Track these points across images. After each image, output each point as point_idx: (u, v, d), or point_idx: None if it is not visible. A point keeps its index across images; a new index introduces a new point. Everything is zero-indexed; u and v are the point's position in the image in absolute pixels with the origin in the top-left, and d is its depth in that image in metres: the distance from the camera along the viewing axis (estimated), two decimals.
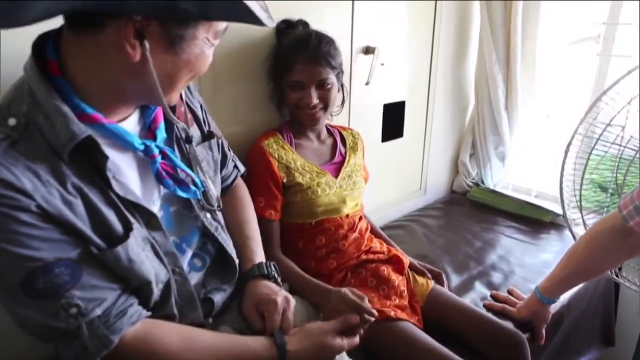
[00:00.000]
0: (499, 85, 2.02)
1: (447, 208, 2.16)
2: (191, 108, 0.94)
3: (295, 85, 1.23)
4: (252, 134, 1.35)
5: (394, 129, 1.87)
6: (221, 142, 1.06)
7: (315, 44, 1.21)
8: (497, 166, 2.24)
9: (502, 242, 1.83)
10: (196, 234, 0.92)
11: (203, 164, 0.92)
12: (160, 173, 0.79)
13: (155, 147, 0.78)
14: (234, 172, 1.13)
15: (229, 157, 1.10)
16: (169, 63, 0.68)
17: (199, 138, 0.95)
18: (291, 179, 1.26)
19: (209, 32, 0.69)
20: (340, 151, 1.41)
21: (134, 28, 0.62)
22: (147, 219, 0.76)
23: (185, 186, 0.83)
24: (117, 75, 0.67)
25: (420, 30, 1.84)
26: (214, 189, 0.92)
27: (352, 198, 1.36)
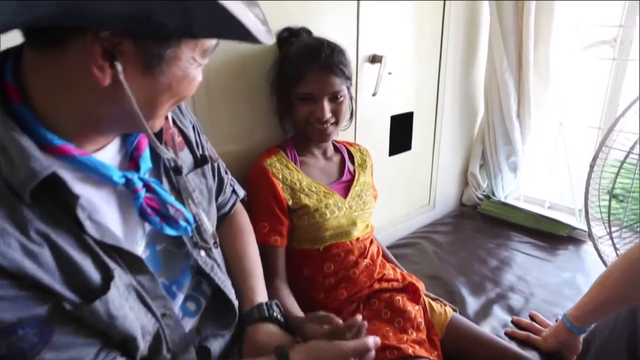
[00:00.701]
0: (511, 92, 1.92)
1: (457, 223, 2.05)
2: (181, 130, 0.83)
3: (306, 97, 1.12)
4: (251, 152, 1.24)
5: (401, 141, 1.77)
6: (217, 166, 0.95)
7: (329, 52, 1.10)
8: (508, 177, 2.13)
9: (519, 260, 1.72)
10: (188, 275, 0.80)
11: (195, 194, 0.80)
12: (145, 209, 0.68)
13: (138, 179, 0.67)
14: (232, 197, 1.02)
15: (227, 182, 0.99)
16: (148, 87, 0.57)
17: (191, 164, 0.83)
18: (297, 201, 1.15)
19: (194, 50, 0.58)
20: (349, 169, 1.30)
21: (101, 47, 0.51)
22: (131, 262, 0.65)
23: (173, 222, 0.72)
24: (88, 102, 0.56)
25: (428, 35, 1.73)
26: (208, 223, 0.81)
27: (362, 219, 1.25)
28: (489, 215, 2.10)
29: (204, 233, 0.80)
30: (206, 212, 0.82)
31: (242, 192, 1.06)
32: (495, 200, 2.12)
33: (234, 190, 1.03)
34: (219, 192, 0.96)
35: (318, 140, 1.21)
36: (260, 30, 0.54)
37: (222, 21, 0.51)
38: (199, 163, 0.84)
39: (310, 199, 1.16)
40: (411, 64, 1.69)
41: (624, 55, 1.88)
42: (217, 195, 0.95)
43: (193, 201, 0.78)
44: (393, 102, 1.67)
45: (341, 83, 1.12)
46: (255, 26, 0.53)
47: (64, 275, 0.56)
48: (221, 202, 0.98)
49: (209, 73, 1.09)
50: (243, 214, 1.06)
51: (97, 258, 0.60)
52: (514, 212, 2.03)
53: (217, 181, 0.94)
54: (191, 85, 0.62)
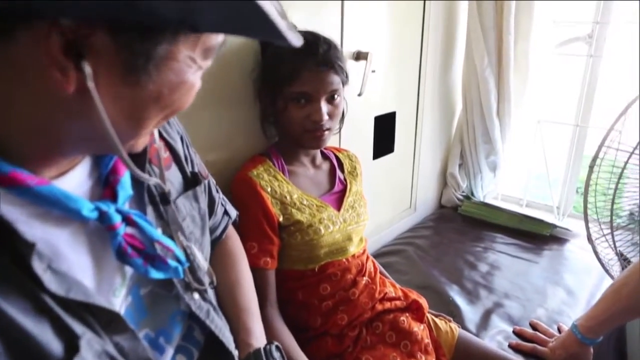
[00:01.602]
0: (491, 90, 1.86)
1: (438, 225, 1.98)
2: (168, 143, 0.68)
3: (301, 98, 0.99)
4: (232, 162, 1.10)
5: (385, 143, 1.67)
6: (207, 184, 0.80)
7: (326, 47, 0.98)
8: (488, 177, 2.08)
9: (507, 263, 1.66)
10: (178, 323, 0.65)
11: (186, 223, 0.66)
12: (124, 250, 0.52)
13: (115, 212, 0.51)
14: (223, 220, 0.87)
15: (218, 201, 0.84)
16: (129, 97, 0.43)
17: (180, 185, 0.69)
18: (288, 217, 1.02)
19: (195, 48, 0.44)
20: (340, 178, 1.18)
21: (62, 39, 0.37)
22: (106, 319, 0.50)
23: (160, 263, 0.56)
24: (45, 114, 0.42)
25: (409, 33, 1.64)
26: (202, 258, 0.66)
27: (357, 233, 1.14)
28: (469, 217, 2.04)
29: (197, 271, 0.65)
30: (199, 244, 0.68)
31: (235, 213, 0.91)
32: (477, 201, 2.07)
33: (225, 212, 0.88)
34: (210, 215, 0.81)
35: (311, 146, 1.08)
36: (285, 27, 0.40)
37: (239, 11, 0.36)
38: (189, 183, 0.69)
39: (303, 213, 1.04)
40: (393, 61, 1.59)
41: (598, 51, 1.87)
42: (208, 218, 0.80)
43: (183, 233, 0.63)
44: (376, 102, 1.57)
45: (339, 81, 1.01)
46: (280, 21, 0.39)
47: (11, 351, 0.41)
48: (211, 225, 0.83)
49: None
50: (235, 238, 0.92)
51: (58, 322, 0.45)
52: (496, 213, 1.99)
53: (208, 202, 0.79)
54: (188, 95, 0.48)
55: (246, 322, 0.79)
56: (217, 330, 0.67)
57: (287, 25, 0.41)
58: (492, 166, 2.06)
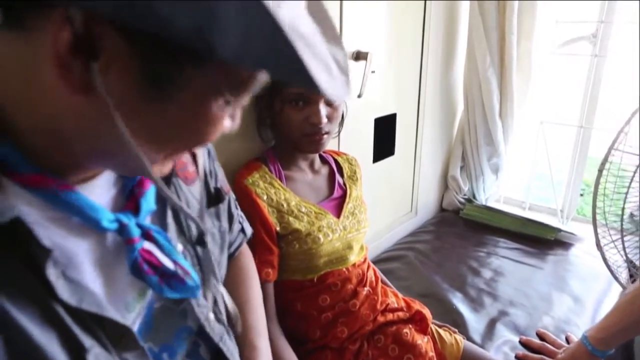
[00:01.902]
0: (494, 90, 1.82)
1: (440, 230, 1.93)
2: (194, 156, 0.64)
3: (299, 99, 0.94)
4: (227, 165, 1.04)
5: (385, 146, 1.62)
6: (228, 200, 0.76)
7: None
8: (490, 179, 2.04)
9: (511, 269, 1.62)
10: (184, 340, 0.61)
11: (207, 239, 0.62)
12: (140, 265, 0.49)
13: (135, 226, 0.49)
14: (239, 237, 0.83)
15: (236, 218, 0.80)
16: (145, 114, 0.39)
17: (204, 200, 0.64)
18: (286, 226, 0.97)
19: (221, 77, 0.39)
20: (339, 183, 1.14)
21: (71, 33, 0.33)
22: (117, 334, 0.47)
23: (177, 282, 0.53)
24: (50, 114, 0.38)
25: (409, 33, 1.59)
26: (229, 301, 0.65)
27: (357, 241, 1.09)
28: (471, 220, 1.99)
29: (221, 311, 0.63)
30: (217, 263, 0.64)
31: (250, 231, 0.87)
32: (479, 205, 2.02)
33: (242, 229, 0.84)
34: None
35: (309, 150, 1.03)
36: (331, 81, 0.35)
37: (268, 48, 0.31)
38: (212, 200, 0.66)
39: (301, 221, 0.99)
40: (393, 62, 1.54)
41: (602, 51, 1.83)
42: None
43: (216, 277, 0.61)
44: (376, 104, 1.52)
45: None
46: (323, 71, 0.34)
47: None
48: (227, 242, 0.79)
49: None
50: (248, 255, 0.88)
51: (67, 334, 0.42)
52: (499, 217, 1.94)
53: (227, 218, 0.75)
54: (211, 128, 0.43)
55: (253, 340, 0.76)
56: (228, 353, 0.63)
57: (342, 82, 0.36)
58: (494, 168, 2.01)
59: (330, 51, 0.37)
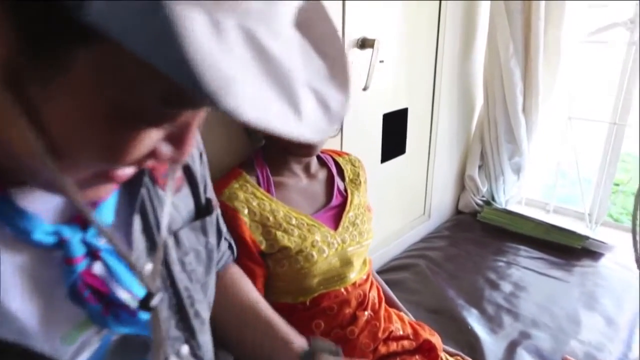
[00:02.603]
0: (517, 83, 1.65)
1: (456, 235, 1.77)
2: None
3: None
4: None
5: (395, 144, 1.47)
6: (216, 214, 0.67)
7: None
8: (510, 180, 1.87)
9: (533, 282, 1.46)
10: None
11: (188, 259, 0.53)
12: (79, 291, 0.40)
13: (79, 243, 0.41)
14: (225, 255, 0.73)
15: (223, 234, 0.71)
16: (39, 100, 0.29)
17: (190, 212, 0.56)
18: (272, 243, 0.83)
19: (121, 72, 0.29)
20: (339, 188, 0.99)
21: None
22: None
23: (127, 314, 0.44)
24: None
25: (423, 17, 1.43)
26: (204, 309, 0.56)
27: (359, 255, 0.94)
28: (489, 225, 1.83)
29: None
30: (200, 284, 0.55)
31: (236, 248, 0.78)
32: (498, 208, 1.85)
33: (230, 246, 0.75)
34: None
35: (300, 154, 0.89)
36: (283, 114, 0.27)
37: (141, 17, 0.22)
38: (201, 211, 0.57)
39: (291, 236, 0.85)
40: (404, 50, 1.38)
41: None
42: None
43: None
44: (385, 97, 1.37)
45: None
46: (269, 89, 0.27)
47: None
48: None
49: None
50: (236, 269, 0.77)
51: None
52: (520, 222, 1.77)
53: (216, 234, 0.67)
54: (119, 143, 0.32)
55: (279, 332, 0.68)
56: None
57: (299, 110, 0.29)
58: (515, 168, 1.84)
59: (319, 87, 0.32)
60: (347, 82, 0.35)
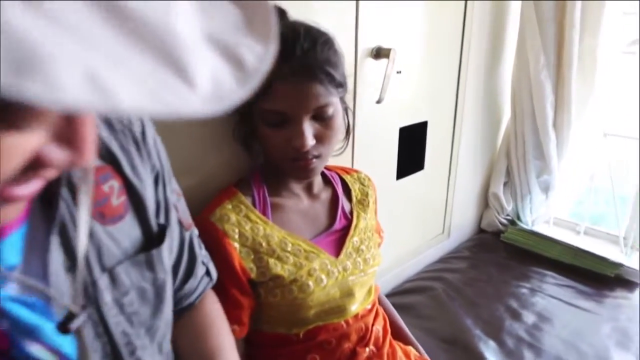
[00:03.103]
0: (548, 96, 1.53)
1: (477, 256, 1.66)
2: (128, 181, 0.47)
3: (276, 118, 0.73)
4: (205, 190, 0.85)
5: (412, 160, 1.38)
6: (190, 236, 0.61)
7: (307, 47, 0.70)
8: (538, 199, 1.75)
9: (560, 313, 1.34)
10: None
11: (129, 299, 0.46)
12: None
13: None
14: (202, 282, 0.65)
15: (199, 259, 0.63)
16: None
17: (135, 243, 0.48)
18: (264, 271, 0.76)
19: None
20: (344, 210, 0.91)
21: None
22: None
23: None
24: None
25: (446, 22, 1.34)
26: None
27: (362, 285, 0.86)
28: (514, 246, 1.71)
29: None
30: (145, 328, 0.49)
31: (216, 273, 0.70)
32: (524, 229, 1.74)
33: (207, 272, 0.67)
34: (188, 277, 0.61)
35: (297, 177, 0.82)
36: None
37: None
38: (150, 242, 0.49)
39: (285, 264, 0.77)
40: (424, 60, 1.30)
41: None
42: (185, 282, 0.61)
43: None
44: (402, 110, 1.28)
45: (329, 93, 0.72)
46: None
47: None
48: (187, 291, 0.63)
49: None
50: (211, 297, 0.69)
51: None
52: (547, 244, 1.65)
53: (187, 261, 0.60)
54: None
55: None
56: None
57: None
58: (544, 186, 1.72)
59: (229, 39, 0.26)
60: (270, 31, 0.29)
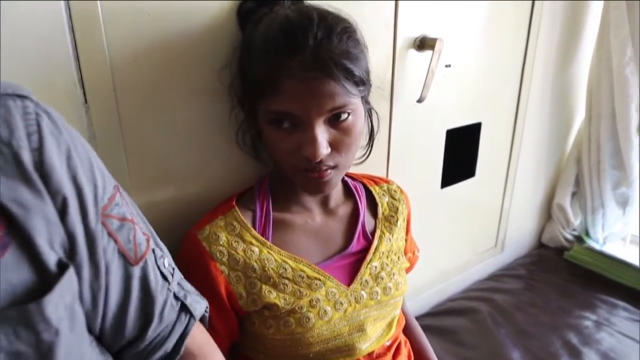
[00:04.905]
0: (632, 96, 1.30)
1: (533, 275, 1.47)
2: (6, 211, 0.37)
3: (283, 121, 0.61)
4: (206, 200, 0.76)
5: (461, 166, 1.22)
6: (140, 272, 0.48)
7: (321, 36, 0.57)
8: (613, 214, 1.51)
9: (633, 357, 1.13)
10: None
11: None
12: None
13: None
14: (179, 325, 0.53)
15: (159, 299, 0.50)
16: None
17: (20, 288, 0.37)
18: (256, 299, 0.66)
19: None
20: (364, 228, 0.78)
21: None
22: None
23: None
24: None
25: (508, 6, 1.15)
26: None
27: (378, 319, 0.74)
28: (579, 267, 1.50)
29: None
30: None
31: (204, 306, 0.57)
32: (593, 248, 1.51)
33: (183, 307, 0.54)
34: (147, 322, 0.49)
35: (308, 192, 0.70)
36: None
37: None
38: (39, 291, 0.37)
39: (281, 292, 0.66)
40: (480, 52, 1.12)
41: None
42: (144, 329, 0.49)
43: None
44: (451, 110, 1.12)
45: (347, 92, 0.60)
46: None
47: None
48: (154, 340, 0.50)
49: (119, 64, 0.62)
50: (203, 339, 0.57)
51: None
52: (621, 268, 1.42)
53: (139, 303, 0.48)
54: None
55: None
56: None
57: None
58: (621, 200, 1.48)
59: None
60: None
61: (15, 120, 0.38)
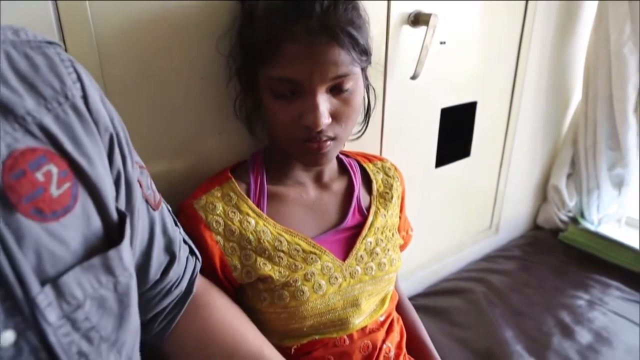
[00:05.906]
0: (630, 76, 1.29)
1: (528, 256, 1.47)
2: (75, 164, 0.38)
3: (285, 87, 0.61)
4: (199, 173, 0.75)
5: (456, 145, 1.21)
6: (160, 216, 0.51)
7: (328, 4, 0.58)
8: (609, 195, 1.51)
9: (625, 335, 1.14)
10: None
11: (83, 313, 0.37)
12: None
13: None
14: (189, 265, 0.58)
15: (177, 239, 0.55)
16: None
17: (91, 240, 0.39)
18: (250, 270, 0.65)
19: None
20: (360, 204, 0.78)
21: None
22: None
23: None
24: None
25: None
26: None
27: (372, 294, 0.74)
28: (573, 248, 1.50)
29: None
30: (109, 344, 0.40)
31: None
32: (588, 229, 1.51)
33: (191, 251, 0.59)
34: (170, 262, 0.53)
35: (306, 163, 0.70)
36: None
37: None
38: (111, 235, 0.41)
39: (277, 265, 0.66)
40: (476, 28, 1.10)
41: None
42: (167, 270, 0.53)
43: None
44: (446, 89, 1.11)
45: (351, 60, 0.59)
46: None
47: None
48: (172, 279, 0.54)
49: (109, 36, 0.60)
50: (211, 291, 0.62)
51: None
52: (615, 249, 1.43)
53: (164, 244, 0.52)
54: None
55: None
56: None
57: None
58: (617, 181, 1.48)
59: None
60: None
61: (60, 69, 0.39)
